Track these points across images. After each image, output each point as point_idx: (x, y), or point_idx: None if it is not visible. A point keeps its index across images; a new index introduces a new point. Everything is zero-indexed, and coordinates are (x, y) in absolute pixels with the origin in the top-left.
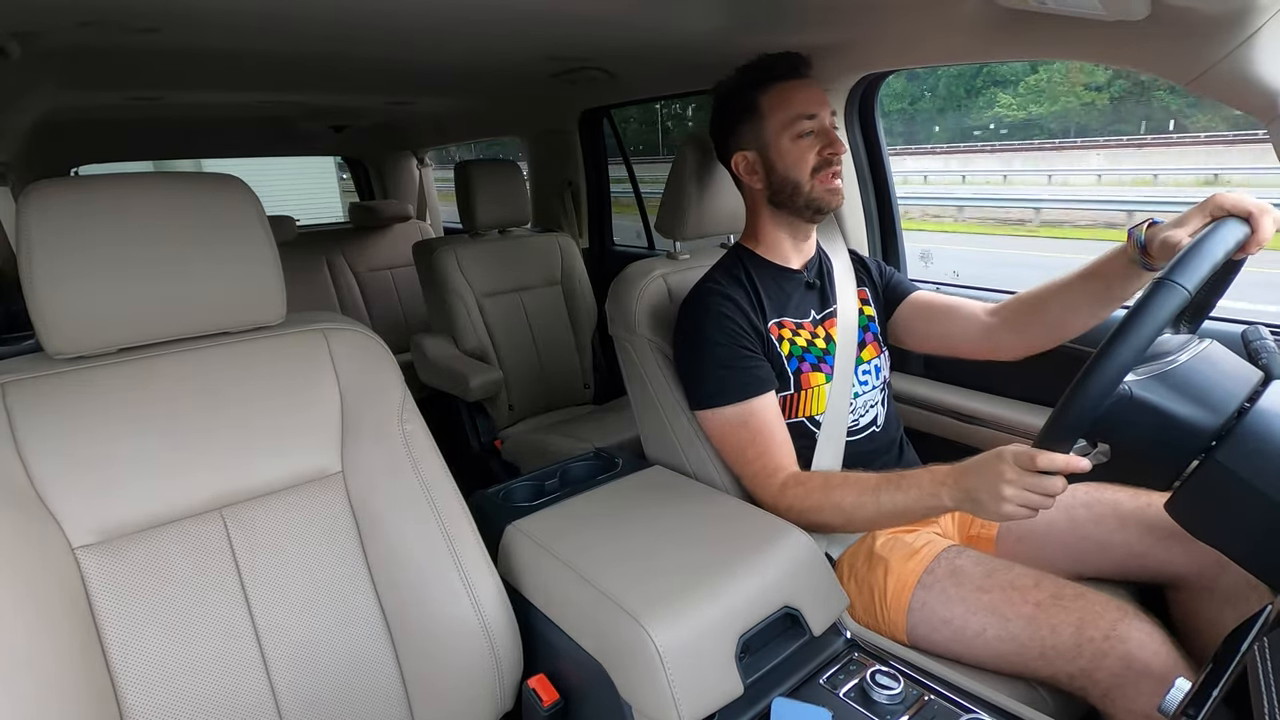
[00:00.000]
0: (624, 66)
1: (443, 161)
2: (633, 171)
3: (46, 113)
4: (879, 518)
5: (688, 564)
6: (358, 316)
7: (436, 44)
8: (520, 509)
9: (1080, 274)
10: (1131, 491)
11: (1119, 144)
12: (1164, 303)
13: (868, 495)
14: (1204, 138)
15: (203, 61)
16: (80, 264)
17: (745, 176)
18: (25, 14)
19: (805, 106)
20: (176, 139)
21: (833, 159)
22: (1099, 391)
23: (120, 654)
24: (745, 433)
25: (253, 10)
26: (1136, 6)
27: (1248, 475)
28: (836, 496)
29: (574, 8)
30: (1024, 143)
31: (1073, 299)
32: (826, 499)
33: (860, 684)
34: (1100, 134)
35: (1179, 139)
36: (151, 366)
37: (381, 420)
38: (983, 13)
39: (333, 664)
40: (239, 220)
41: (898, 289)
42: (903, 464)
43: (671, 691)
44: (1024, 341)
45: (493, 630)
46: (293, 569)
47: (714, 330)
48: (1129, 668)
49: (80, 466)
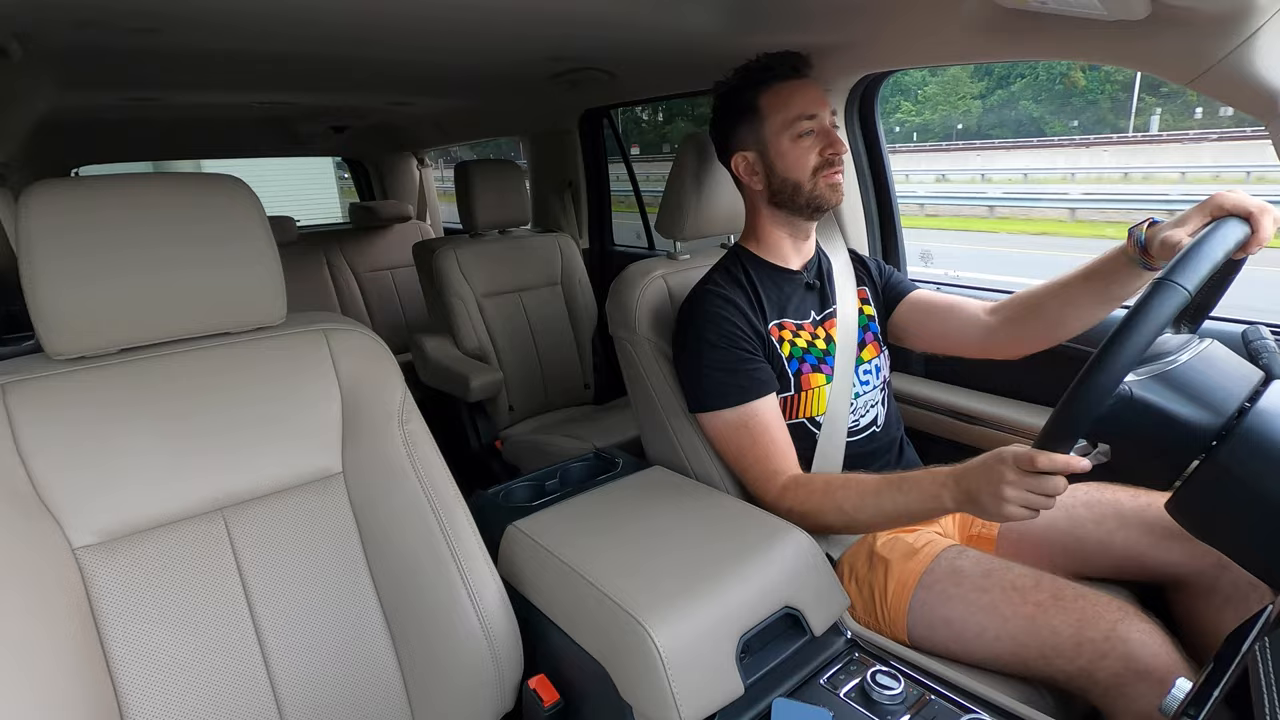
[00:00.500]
0: (624, 67)
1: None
2: (632, 171)
3: (46, 113)
4: (880, 519)
5: (688, 564)
6: (358, 317)
7: (437, 44)
8: (520, 509)
9: (1080, 273)
10: (1131, 491)
11: (997, 146)
12: (1164, 303)
13: (869, 497)
14: (1066, 139)
15: (203, 62)
16: (80, 264)
17: (745, 177)
18: (25, 14)
19: (805, 107)
20: (176, 139)
21: (834, 159)
22: (1100, 391)
23: (121, 654)
24: (745, 435)
25: (253, 10)
26: (1136, 6)
27: (1248, 475)
28: (838, 499)
29: (574, 8)
30: (919, 145)
31: (1072, 298)
32: (827, 501)
33: (861, 684)
34: (978, 137)
35: (1040, 141)
36: (152, 367)
37: (382, 420)
38: (982, 13)
39: (333, 664)
40: (239, 220)
41: (897, 288)
42: (903, 464)
43: (672, 691)
44: (1022, 340)
45: (493, 630)
46: (294, 569)
47: (713, 333)
48: (1129, 668)
49: (81, 467)
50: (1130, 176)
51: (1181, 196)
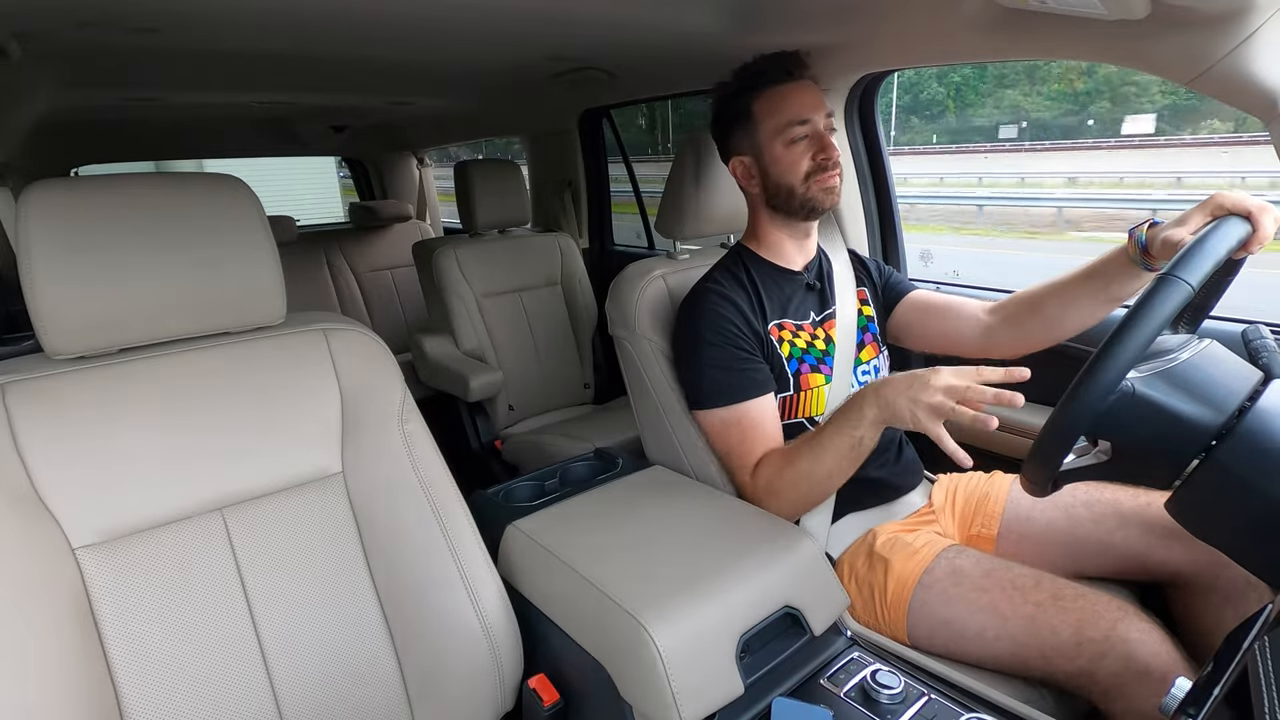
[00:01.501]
0: (624, 66)
1: (443, 161)
2: (632, 171)
3: (46, 113)
4: (836, 459)
5: (688, 564)
6: (358, 316)
7: (436, 44)
8: (520, 509)
9: (1080, 273)
10: (1131, 491)
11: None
12: (1168, 298)
13: (813, 441)
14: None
15: (202, 62)
16: (80, 264)
17: (743, 180)
18: (25, 14)
19: (798, 111)
20: (176, 139)
21: (826, 164)
22: (1104, 385)
23: (120, 654)
24: (736, 432)
25: (252, 10)
26: (1136, 6)
27: (1248, 474)
28: (793, 456)
29: (574, 8)
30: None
31: (1071, 297)
32: (789, 467)
33: (861, 684)
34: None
35: (955, 148)
36: (151, 367)
37: (382, 420)
38: (983, 12)
39: (333, 664)
40: (239, 220)
41: (896, 288)
42: (902, 463)
43: (672, 691)
44: (1021, 340)
45: (493, 630)
46: (293, 569)
47: (711, 332)
48: (1129, 667)
49: (80, 467)
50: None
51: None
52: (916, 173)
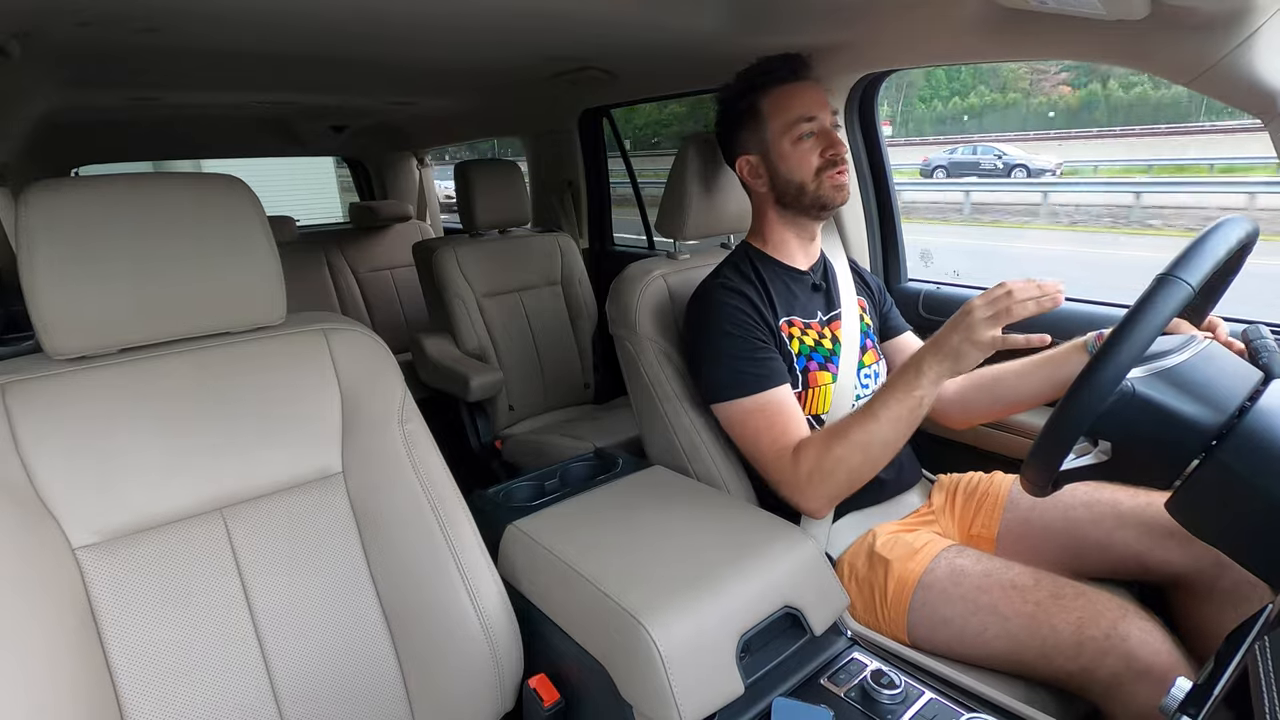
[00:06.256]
0: (624, 66)
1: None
2: (632, 171)
3: (46, 113)
4: (894, 425)
5: (688, 563)
6: (358, 316)
7: (437, 44)
8: (520, 509)
9: (1034, 360)
10: (1131, 491)
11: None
12: (1168, 297)
13: (865, 416)
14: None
15: (203, 61)
16: (80, 264)
17: (750, 180)
18: (25, 14)
19: (805, 109)
20: (176, 139)
21: (836, 159)
22: (1105, 384)
23: (120, 654)
24: (762, 419)
25: (253, 10)
26: (1136, 6)
27: (1249, 474)
28: (845, 434)
29: (574, 8)
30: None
31: (1022, 378)
32: (837, 443)
33: (861, 684)
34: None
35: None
36: (151, 367)
37: (382, 420)
38: (983, 13)
39: (333, 664)
40: (239, 220)
41: (892, 328)
42: (902, 463)
43: (672, 691)
44: (965, 413)
45: (493, 630)
46: (293, 569)
47: (730, 324)
48: (1129, 667)
49: (80, 467)
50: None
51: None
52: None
